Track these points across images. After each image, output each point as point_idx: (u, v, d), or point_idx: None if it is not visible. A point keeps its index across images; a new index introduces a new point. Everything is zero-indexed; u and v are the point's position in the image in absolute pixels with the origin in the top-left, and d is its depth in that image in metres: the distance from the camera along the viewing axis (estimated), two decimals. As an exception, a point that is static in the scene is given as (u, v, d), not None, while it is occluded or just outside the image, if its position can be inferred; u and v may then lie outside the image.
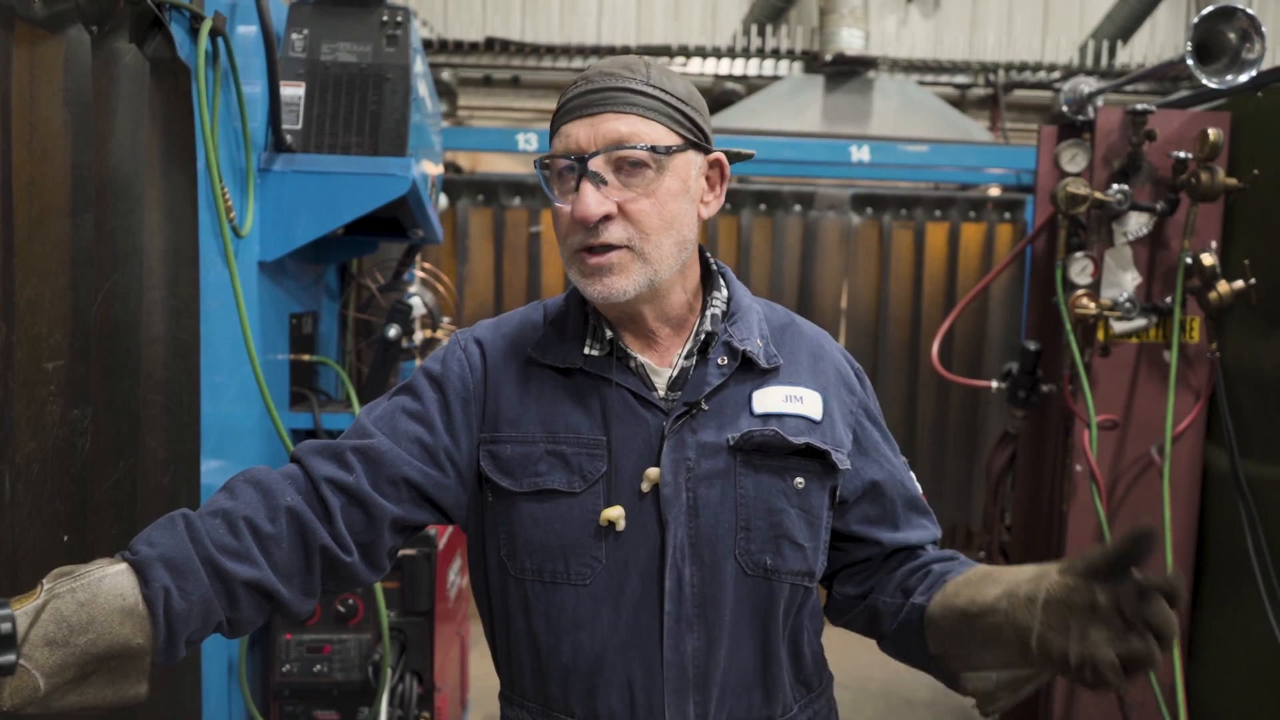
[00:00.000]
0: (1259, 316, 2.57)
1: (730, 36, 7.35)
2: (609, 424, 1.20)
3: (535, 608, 1.21)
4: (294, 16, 2.34)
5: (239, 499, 1.15)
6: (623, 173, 1.15)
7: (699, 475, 1.19)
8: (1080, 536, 2.83)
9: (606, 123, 1.14)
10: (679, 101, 1.19)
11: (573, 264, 1.18)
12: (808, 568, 1.23)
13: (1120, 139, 2.74)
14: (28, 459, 1.32)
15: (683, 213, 1.19)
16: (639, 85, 1.17)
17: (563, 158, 1.16)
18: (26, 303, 1.31)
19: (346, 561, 1.17)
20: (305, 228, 2.20)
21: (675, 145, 1.17)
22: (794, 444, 1.21)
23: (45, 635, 0.98)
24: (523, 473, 1.21)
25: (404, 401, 1.25)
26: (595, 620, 1.19)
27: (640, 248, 1.15)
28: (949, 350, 5.25)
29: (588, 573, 1.19)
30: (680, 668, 1.18)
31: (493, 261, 5.34)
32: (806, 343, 1.31)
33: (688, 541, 1.18)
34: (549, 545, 1.20)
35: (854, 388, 1.31)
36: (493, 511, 1.24)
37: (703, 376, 1.22)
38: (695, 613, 1.19)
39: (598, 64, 1.21)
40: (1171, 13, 7.61)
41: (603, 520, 1.18)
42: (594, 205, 1.13)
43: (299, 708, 2.34)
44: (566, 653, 1.20)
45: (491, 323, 1.33)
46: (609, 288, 1.15)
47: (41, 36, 1.34)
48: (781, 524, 1.21)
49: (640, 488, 1.19)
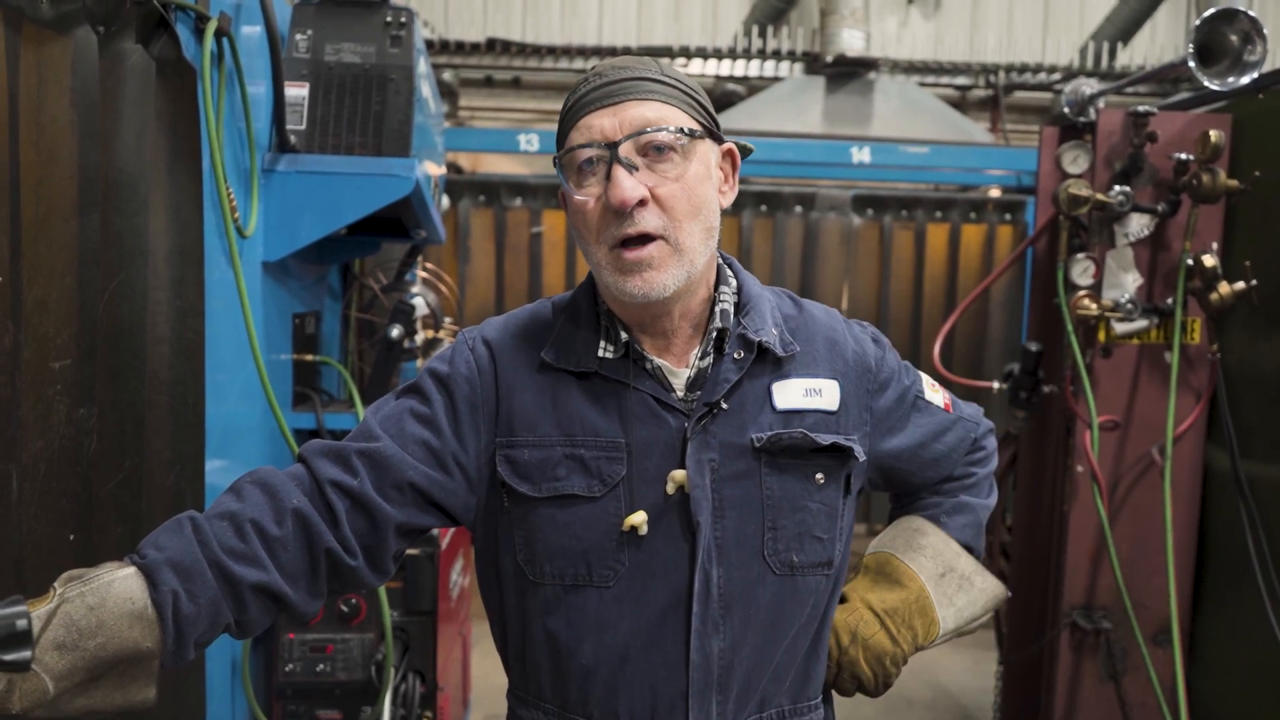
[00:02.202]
0: (1260, 318, 2.58)
1: (731, 37, 7.36)
2: (628, 427, 1.18)
3: (555, 611, 1.20)
4: (298, 17, 2.34)
5: (246, 501, 1.14)
6: (650, 158, 1.13)
7: (724, 476, 1.19)
8: (1081, 537, 2.83)
9: (631, 109, 1.13)
10: (693, 91, 1.19)
11: (608, 262, 1.15)
12: (827, 558, 1.24)
13: (1122, 140, 2.75)
14: (35, 458, 1.33)
15: (709, 199, 1.18)
16: (655, 74, 1.16)
17: (588, 147, 1.13)
18: (34, 303, 1.32)
19: (351, 565, 1.17)
20: (309, 228, 2.21)
21: (698, 130, 1.16)
22: (821, 444, 1.21)
23: (54, 639, 0.99)
24: (541, 477, 1.19)
25: (411, 403, 1.23)
26: (619, 622, 1.18)
27: (674, 237, 1.13)
28: (950, 351, 5.25)
29: (610, 575, 1.18)
30: (705, 668, 1.18)
31: (494, 262, 5.34)
32: (821, 328, 1.29)
33: (714, 543, 1.18)
34: (570, 550, 1.18)
35: (868, 367, 1.30)
36: (509, 516, 1.22)
37: (720, 374, 1.20)
38: (721, 613, 1.18)
39: (606, 62, 1.20)
40: (1171, 15, 7.61)
41: (626, 526, 1.17)
42: (630, 189, 1.10)
43: (302, 707, 2.35)
44: (588, 654, 1.19)
45: (500, 321, 1.30)
46: (649, 283, 1.13)
47: (49, 37, 1.34)
48: (805, 520, 1.21)
49: (665, 490, 1.18)
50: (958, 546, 1.39)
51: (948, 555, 1.38)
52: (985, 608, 1.40)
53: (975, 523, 1.43)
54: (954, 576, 1.37)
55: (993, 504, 1.47)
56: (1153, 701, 2.74)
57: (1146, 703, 2.80)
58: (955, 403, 1.43)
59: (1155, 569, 2.75)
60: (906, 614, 1.33)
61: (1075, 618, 2.84)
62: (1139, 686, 2.81)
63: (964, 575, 1.38)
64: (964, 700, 4.11)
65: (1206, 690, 2.74)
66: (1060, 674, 2.88)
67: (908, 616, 1.33)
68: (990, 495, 1.46)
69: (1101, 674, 2.85)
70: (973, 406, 1.46)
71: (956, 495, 1.42)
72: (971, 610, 1.38)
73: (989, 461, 1.46)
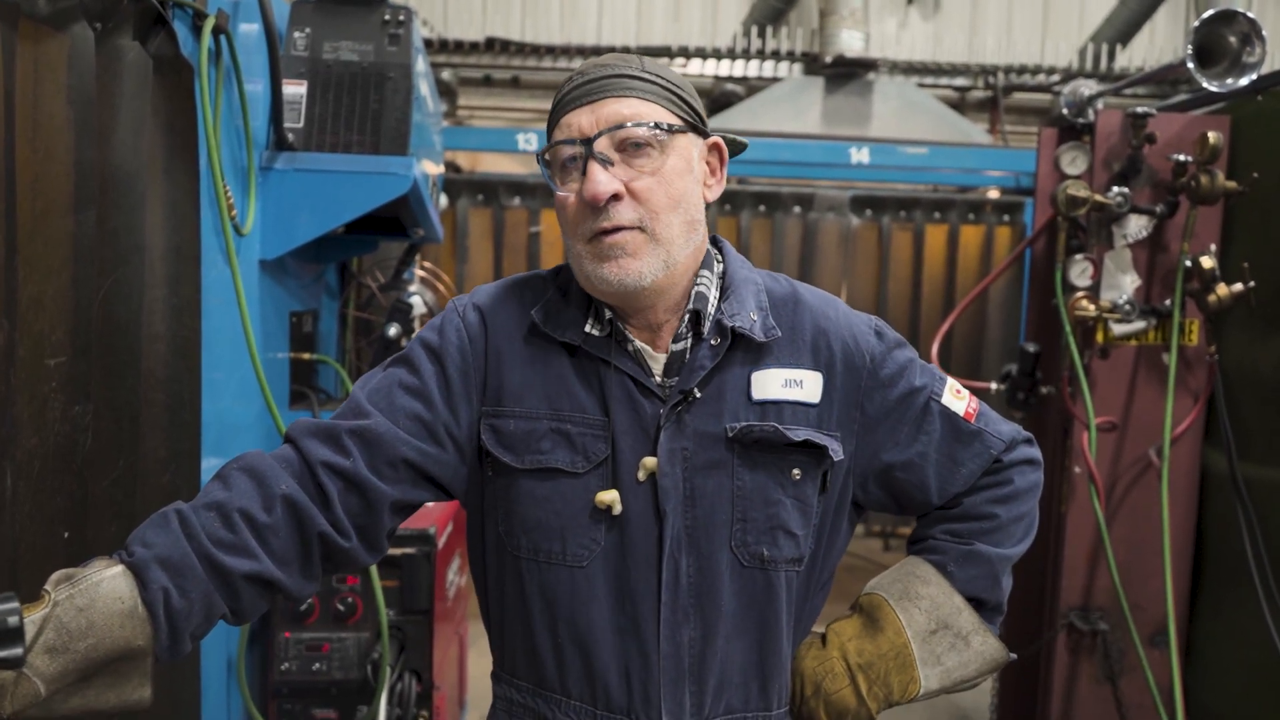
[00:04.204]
0: (1258, 319, 2.58)
1: (730, 38, 7.35)
2: (608, 407, 1.19)
3: (530, 586, 1.20)
4: (296, 15, 2.34)
5: (233, 489, 1.13)
6: (627, 153, 1.14)
7: (696, 465, 1.18)
8: (1078, 538, 2.83)
9: (607, 106, 1.14)
10: (675, 86, 1.19)
11: (586, 252, 1.15)
12: (799, 554, 1.22)
13: (1120, 142, 2.75)
14: (29, 455, 1.32)
15: (689, 192, 1.18)
16: (635, 71, 1.17)
17: (566, 144, 1.15)
18: (29, 300, 1.31)
19: (345, 546, 1.17)
20: (306, 226, 2.20)
21: (676, 125, 1.17)
22: (792, 440, 1.19)
23: (45, 643, 0.99)
24: (525, 449, 1.19)
25: (400, 375, 1.22)
26: (591, 603, 1.18)
27: (651, 227, 1.14)
28: (948, 352, 5.25)
29: (584, 555, 1.18)
30: (676, 658, 1.18)
31: (492, 261, 5.34)
32: (811, 316, 1.25)
33: (684, 532, 1.18)
34: (547, 524, 1.18)
35: (862, 362, 1.24)
36: (492, 486, 1.22)
37: (696, 360, 1.19)
38: (692, 603, 1.18)
39: (590, 61, 1.21)
40: (1170, 16, 7.62)
41: (598, 503, 1.17)
42: (604, 183, 1.11)
43: (297, 706, 2.34)
44: (561, 633, 1.19)
45: (492, 288, 1.29)
46: (625, 270, 1.13)
47: (46, 33, 1.34)
48: (778, 515, 1.20)
49: (637, 476, 1.18)
50: (960, 601, 1.28)
51: (946, 610, 1.27)
52: (979, 671, 1.29)
53: (988, 575, 1.29)
54: (947, 634, 1.27)
55: (1017, 552, 1.31)
56: (1149, 703, 2.74)
57: (1143, 704, 2.80)
58: (983, 414, 1.31)
59: (1152, 570, 2.75)
60: (883, 670, 1.25)
61: (1072, 619, 2.84)
62: (1136, 688, 2.81)
63: (960, 634, 1.27)
64: (961, 701, 4.11)
65: (1203, 691, 2.74)
66: (1057, 675, 2.87)
67: (883, 673, 1.25)
68: (1018, 542, 1.31)
69: (1098, 675, 2.85)
70: (1010, 425, 1.33)
71: (971, 542, 1.29)
72: (963, 672, 1.28)
73: (1018, 502, 1.31)
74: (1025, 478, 1.32)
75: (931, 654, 1.26)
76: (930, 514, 1.34)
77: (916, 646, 1.26)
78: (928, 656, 1.26)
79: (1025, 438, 1.34)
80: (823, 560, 1.28)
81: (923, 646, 1.26)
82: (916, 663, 1.25)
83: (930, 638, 1.27)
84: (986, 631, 1.29)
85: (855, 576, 3.40)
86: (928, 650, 1.26)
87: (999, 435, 1.30)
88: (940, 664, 1.27)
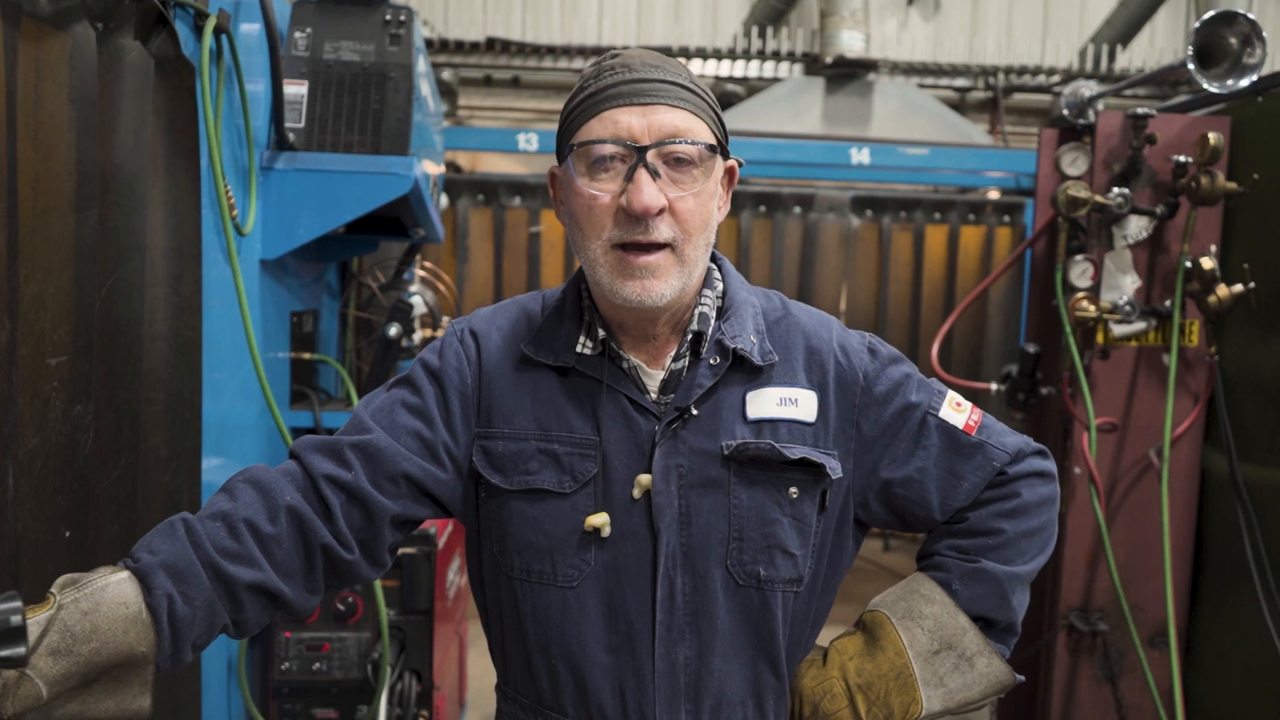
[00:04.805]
0: (1258, 320, 2.58)
1: (731, 38, 7.36)
2: (600, 426, 1.18)
3: (524, 606, 1.21)
4: (297, 15, 2.34)
5: (239, 500, 1.14)
6: (671, 167, 1.11)
7: (691, 483, 1.18)
8: (1078, 539, 2.83)
9: (661, 114, 1.10)
10: (716, 104, 1.18)
11: (607, 261, 1.12)
12: (798, 574, 1.21)
13: (1121, 143, 2.75)
14: (30, 454, 1.32)
15: (714, 216, 1.17)
16: (685, 81, 1.14)
17: (611, 143, 1.10)
18: (30, 299, 1.31)
19: (348, 559, 1.17)
20: (307, 226, 2.21)
21: (717, 147, 1.15)
22: (789, 458, 1.18)
23: (49, 645, 0.99)
24: (514, 470, 1.19)
25: (402, 395, 1.23)
26: (582, 623, 1.18)
27: (681, 249, 1.12)
28: (948, 352, 5.26)
29: (574, 575, 1.18)
30: (672, 676, 1.18)
31: (492, 261, 5.34)
32: (804, 336, 1.24)
33: (680, 550, 1.17)
34: (537, 545, 1.19)
35: (855, 380, 1.23)
36: (485, 508, 1.23)
37: (694, 379, 1.19)
38: (687, 621, 1.18)
39: (631, 52, 1.16)
40: (1171, 17, 7.62)
41: (588, 526, 1.16)
42: (653, 196, 1.08)
43: (298, 706, 2.34)
44: (554, 652, 1.19)
45: (488, 312, 1.30)
46: (648, 291, 1.11)
47: (47, 33, 1.34)
48: (775, 534, 1.19)
49: (631, 493, 1.17)
50: (965, 621, 1.24)
51: (950, 630, 1.24)
52: (984, 693, 1.25)
53: (996, 593, 1.25)
54: (951, 655, 1.24)
55: (1028, 570, 1.26)
56: (1149, 704, 2.74)
57: (1143, 705, 2.80)
58: (986, 426, 1.27)
59: (1152, 571, 2.75)
60: (883, 690, 1.22)
61: (1072, 620, 2.84)
62: (1136, 689, 2.81)
63: (965, 655, 1.24)
64: (960, 702, 4.11)
65: (1203, 692, 2.74)
66: (1057, 676, 2.88)
67: (884, 693, 1.22)
68: (1030, 559, 1.27)
69: (1098, 676, 2.86)
70: (1018, 437, 1.29)
71: (977, 559, 1.25)
72: (967, 694, 1.24)
73: (1027, 516, 1.26)
74: (1034, 491, 1.27)
75: (934, 675, 1.23)
76: (937, 530, 1.31)
77: (919, 667, 1.23)
78: (930, 677, 1.23)
79: (1035, 449, 1.30)
80: (825, 580, 1.26)
81: (925, 667, 1.23)
82: (918, 683, 1.22)
83: (933, 658, 1.23)
84: (992, 653, 1.25)
85: (856, 577, 3.40)
86: (930, 671, 1.23)
87: (1003, 447, 1.26)
88: (943, 685, 1.23)
